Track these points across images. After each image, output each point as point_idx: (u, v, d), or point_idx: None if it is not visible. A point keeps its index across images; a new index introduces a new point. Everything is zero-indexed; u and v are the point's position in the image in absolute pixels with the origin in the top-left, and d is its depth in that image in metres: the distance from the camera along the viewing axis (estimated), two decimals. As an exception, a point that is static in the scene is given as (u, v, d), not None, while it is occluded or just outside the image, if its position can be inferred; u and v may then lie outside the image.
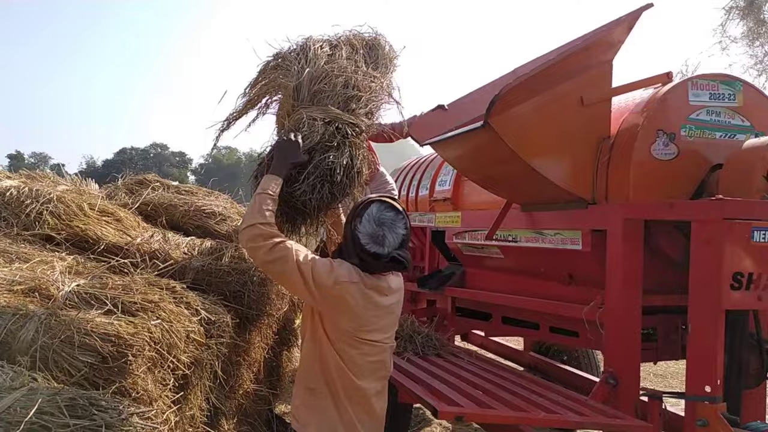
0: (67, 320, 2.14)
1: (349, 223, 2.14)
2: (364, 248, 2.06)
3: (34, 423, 1.65)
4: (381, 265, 2.08)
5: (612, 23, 2.91)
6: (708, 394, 2.32)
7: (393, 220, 2.09)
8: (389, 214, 2.10)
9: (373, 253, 2.05)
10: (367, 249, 2.05)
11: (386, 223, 2.07)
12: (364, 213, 2.09)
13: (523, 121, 2.71)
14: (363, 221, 2.07)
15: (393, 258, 2.07)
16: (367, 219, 2.07)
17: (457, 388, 2.63)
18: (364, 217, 2.08)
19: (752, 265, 2.34)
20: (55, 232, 2.85)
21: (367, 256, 2.06)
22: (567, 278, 3.29)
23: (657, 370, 6.26)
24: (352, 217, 2.14)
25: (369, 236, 2.06)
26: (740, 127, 2.97)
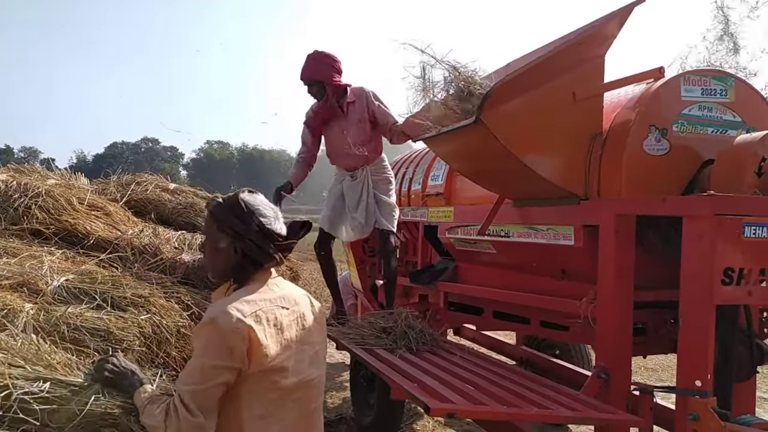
0: (56, 315, 2.12)
1: (233, 230, 1.79)
2: (276, 235, 1.81)
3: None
4: (294, 237, 1.86)
5: (604, 18, 2.90)
6: (698, 388, 2.33)
7: (263, 198, 1.89)
8: (257, 195, 1.87)
9: (281, 232, 1.83)
10: (278, 232, 1.82)
11: (263, 201, 1.87)
12: (249, 208, 1.80)
13: (514, 117, 2.70)
14: (257, 212, 1.80)
15: (304, 222, 1.89)
16: (258, 207, 1.82)
17: (449, 384, 2.63)
18: (254, 210, 1.80)
19: (743, 260, 2.34)
20: (44, 227, 2.83)
21: (279, 239, 1.82)
22: (559, 273, 3.30)
23: (648, 364, 6.30)
24: (236, 224, 1.79)
25: (272, 220, 1.82)
26: (732, 122, 2.98)
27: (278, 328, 1.74)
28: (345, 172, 4.13)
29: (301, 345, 1.82)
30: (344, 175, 4.13)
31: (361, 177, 4.05)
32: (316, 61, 3.88)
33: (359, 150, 3.97)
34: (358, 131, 3.98)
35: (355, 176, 4.06)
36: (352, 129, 3.96)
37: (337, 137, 4.02)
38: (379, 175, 4.13)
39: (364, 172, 4.05)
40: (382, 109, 4.01)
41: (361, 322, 3.64)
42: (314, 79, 3.88)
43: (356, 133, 3.97)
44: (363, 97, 4.00)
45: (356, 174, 4.06)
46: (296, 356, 1.78)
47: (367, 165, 4.06)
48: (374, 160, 4.11)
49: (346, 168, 4.12)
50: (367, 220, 4.04)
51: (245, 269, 1.82)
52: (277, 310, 1.77)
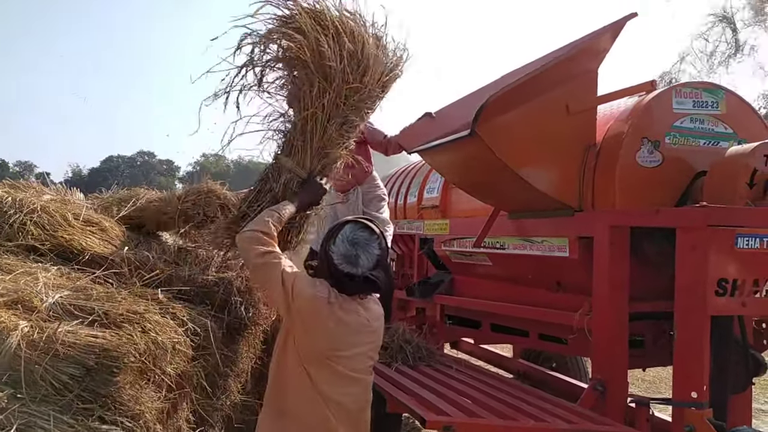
0: (51, 332, 2.11)
1: (324, 244, 2.12)
2: (337, 268, 2.04)
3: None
4: (355, 285, 2.05)
5: (597, 32, 2.94)
6: (694, 399, 2.33)
7: (367, 240, 2.06)
8: (363, 234, 2.07)
9: (347, 274, 2.03)
10: (340, 269, 2.03)
11: (360, 243, 2.05)
12: (338, 234, 2.08)
13: (509, 129, 2.73)
14: (337, 242, 2.06)
15: (366, 278, 2.03)
16: (341, 239, 2.06)
17: (446, 397, 2.63)
18: (338, 237, 2.07)
19: (736, 271, 2.36)
20: (39, 243, 2.81)
21: (341, 276, 2.03)
22: (555, 285, 3.30)
23: (646, 376, 6.29)
24: (326, 238, 2.13)
25: (342, 256, 2.04)
26: (723, 134, 3.01)
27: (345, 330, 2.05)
28: (337, 193, 4.14)
29: (364, 352, 2.12)
30: (338, 196, 4.14)
31: (353, 199, 4.05)
32: None
33: (348, 172, 3.98)
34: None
35: (347, 198, 4.07)
36: None
37: None
38: (371, 193, 4.13)
39: (356, 193, 4.05)
40: (369, 129, 3.98)
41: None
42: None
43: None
44: None
45: (348, 196, 4.07)
46: (356, 358, 2.08)
47: (358, 185, 4.07)
48: (365, 180, 4.11)
49: (337, 189, 4.13)
50: None
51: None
52: (352, 316, 2.06)
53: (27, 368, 1.95)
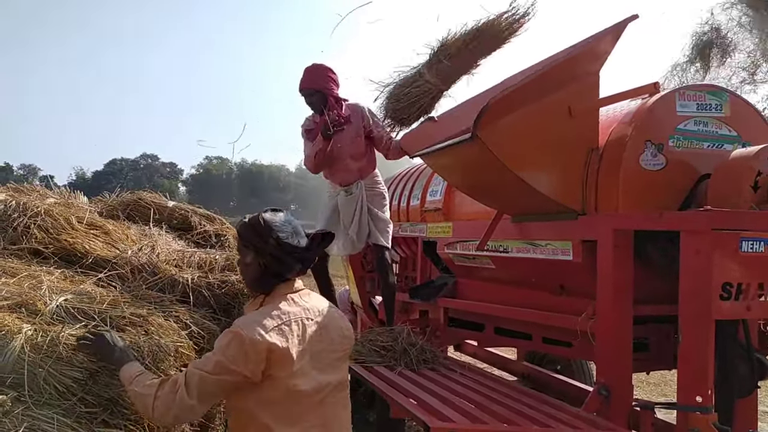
0: (54, 335, 2.11)
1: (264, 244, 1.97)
2: (296, 249, 1.97)
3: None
4: (315, 249, 2.03)
5: (598, 34, 2.94)
6: (699, 404, 2.32)
7: (283, 212, 2.05)
8: (277, 212, 2.04)
9: (305, 248, 1.99)
10: (299, 248, 1.98)
11: (288, 219, 2.02)
12: (268, 225, 1.97)
13: (511, 132, 2.72)
14: (275, 228, 1.96)
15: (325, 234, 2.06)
16: (278, 224, 1.98)
17: (449, 403, 2.62)
18: (272, 226, 1.97)
19: (741, 275, 2.34)
20: (43, 246, 2.82)
21: (298, 252, 1.97)
22: (558, 289, 3.29)
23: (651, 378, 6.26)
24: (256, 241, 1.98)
25: (291, 234, 1.98)
26: (727, 137, 3.00)
27: (298, 338, 1.90)
28: (339, 188, 4.13)
29: (321, 352, 1.97)
30: (338, 191, 4.13)
31: (356, 192, 4.05)
32: (316, 72, 3.93)
33: (353, 165, 3.99)
34: (354, 145, 3.99)
35: (350, 191, 4.07)
36: (348, 143, 3.98)
37: (333, 150, 4.03)
38: (373, 189, 4.14)
39: (359, 186, 4.05)
40: (378, 125, 4.03)
41: (360, 339, 3.63)
42: (314, 88, 3.90)
43: (352, 146, 3.99)
44: (359, 112, 4.01)
45: (351, 189, 4.06)
46: (315, 362, 1.93)
47: (361, 179, 4.07)
48: (368, 175, 4.12)
49: (340, 182, 4.12)
50: (360, 236, 4.04)
51: (269, 281, 2.00)
52: (299, 321, 1.94)
53: (30, 371, 1.96)
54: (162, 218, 3.70)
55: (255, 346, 1.80)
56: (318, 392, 1.93)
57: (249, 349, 1.80)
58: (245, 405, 1.89)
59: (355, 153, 4.01)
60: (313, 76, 3.92)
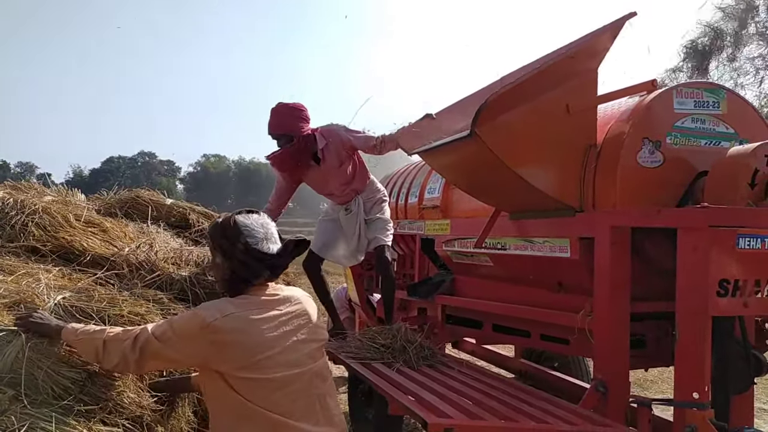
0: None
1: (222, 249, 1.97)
2: (266, 255, 1.95)
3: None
4: (285, 259, 2.01)
5: (596, 32, 2.94)
6: (696, 400, 2.33)
7: (258, 214, 2.04)
8: (251, 214, 2.03)
9: (276, 254, 1.98)
10: (269, 253, 1.96)
11: (261, 221, 2.01)
12: (237, 228, 1.96)
13: (509, 129, 2.72)
14: (244, 232, 1.95)
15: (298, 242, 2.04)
16: (248, 227, 1.97)
17: (447, 399, 2.63)
18: (242, 230, 1.95)
19: (738, 271, 2.35)
20: (41, 244, 2.82)
21: (268, 259, 1.95)
22: (556, 286, 3.30)
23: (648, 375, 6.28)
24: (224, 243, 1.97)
25: (262, 239, 1.96)
26: (725, 134, 3.01)
27: (264, 328, 1.89)
28: (339, 206, 4.15)
29: (295, 342, 1.95)
30: (339, 208, 4.15)
31: (355, 209, 4.06)
32: (281, 114, 3.80)
33: (346, 189, 4.01)
34: (341, 173, 3.94)
35: (349, 209, 4.08)
36: (334, 173, 3.93)
37: (322, 184, 4.03)
38: (372, 199, 4.13)
39: (357, 203, 4.05)
40: (359, 138, 3.91)
41: (358, 336, 3.64)
42: (281, 132, 3.79)
43: (339, 175, 3.94)
44: (335, 135, 3.90)
45: (350, 207, 4.07)
46: (287, 353, 1.92)
47: (358, 195, 4.07)
48: (364, 189, 4.11)
49: (338, 203, 4.15)
50: (360, 249, 4.08)
51: (237, 284, 1.99)
52: (264, 311, 1.92)
53: (28, 371, 1.96)
54: (160, 216, 3.69)
55: (206, 328, 1.81)
56: (295, 381, 1.92)
57: (201, 328, 1.81)
58: (219, 387, 1.88)
59: (345, 178, 3.98)
60: (280, 119, 3.79)
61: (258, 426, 1.86)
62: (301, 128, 3.79)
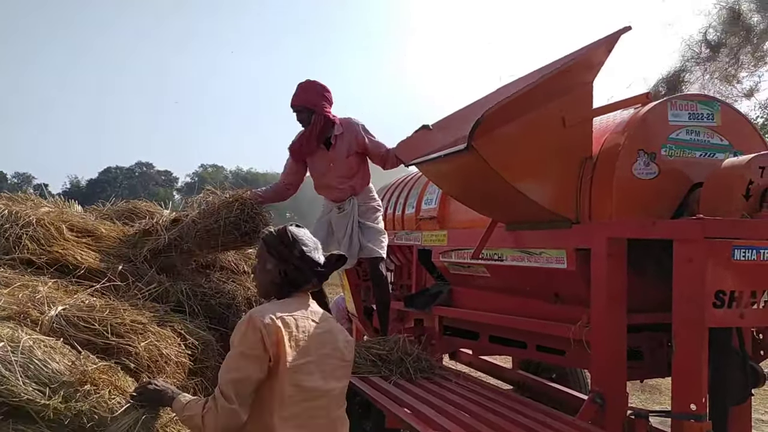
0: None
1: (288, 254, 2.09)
2: (316, 263, 2.11)
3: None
4: (330, 267, 2.17)
5: (591, 45, 2.96)
6: (693, 412, 2.33)
7: (306, 230, 2.20)
8: (301, 228, 2.19)
9: (325, 262, 2.15)
10: (317, 261, 2.12)
11: (310, 236, 2.19)
12: (294, 237, 2.11)
13: (505, 142, 2.74)
14: (299, 241, 2.11)
15: (340, 256, 2.23)
16: (301, 238, 2.12)
17: (445, 412, 2.62)
18: (297, 239, 2.11)
19: (734, 283, 2.36)
20: (35, 257, 2.82)
21: (317, 266, 2.12)
22: (553, 297, 3.30)
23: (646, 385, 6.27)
24: (282, 249, 2.10)
25: (312, 249, 2.13)
26: (719, 146, 3.03)
27: (305, 334, 1.98)
28: (332, 203, 4.13)
29: (326, 357, 2.03)
30: (332, 207, 4.13)
31: (348, 209, 4.03)
32: (308, 90, 3.89)
33: (345, 183, 4.00)
34: (345, 165, 3.96)
35: (342, 208, 4.05)
36: (339, 163, 3.95)
37: (324, 170, 4.03)
38: (366, 204, 4.12)
39: (352, 203, 4.04)
40: (373, 141, 3.99)
41: (356, 348, 3.62)
42: (305, 105, 3.87)
43: (343, 167, 3.96)
44: (352, 129, 3.97)
45: (344, 206, 4.05)
46: (320, 365, 2.00)
47: (354, 196, 4.07)
48: (362, 191, 4.11)
49: (332, 200, 4.13)
50: (351, 252, 3.97)
51: (285, 288, 2.12)
52: (306, 320, 2.02)
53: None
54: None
55: (268, 328, 1.88)
56: (321, 396, 1.98)
57: (263, 330, 1.88)
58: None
59: (348, 172, 3.99)
60: (306, 94, 3.87)
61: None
62: (324, 107, 3.88)
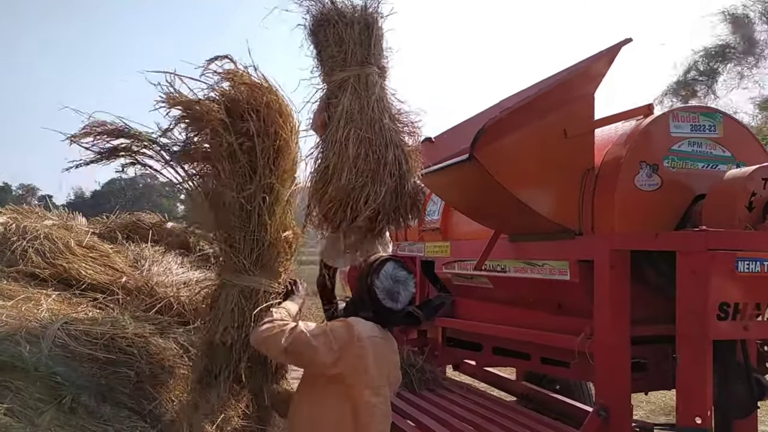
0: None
1: (365, 278, 2.25)
2: (380, 303, 2.18)
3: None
4: (396, 319, 2.22)
5: (593, 57, 2.97)
6: (698, 425, 2.31)
7: (406, 278, 2.25)
8: (402, 272, 2.25)
9: (388, 308, 2.19)
10: (383, 304, 2.18)
11: (401, 281, 2.22)
12: (381, 269, 2.22)
13: (507, 153, 2.74)
14: (380, 277, 2.20)
15: (408, 313, 2.22)
16: (384, 276, 2.22)
17: (448, 424, 2.62)
18: (381, 273, 2.21)
19: (738, 294, 2.35)
20: (39, 270, 2.83)
21: (382, 310, 2.18)
22: (556, 308, 3.29)
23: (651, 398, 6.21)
24: (367, 273, 2.25)
25: (386, 292, 2.20)
26: (722, 157, 3.03)
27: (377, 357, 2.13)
28: None
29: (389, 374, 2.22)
30: None
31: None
32: None
33: None
34: None
35: None
36: None
37: None
38: None
39: None
40: None
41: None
42: None
43: None
44: None
45: None
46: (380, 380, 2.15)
47: None
48: None
49: None
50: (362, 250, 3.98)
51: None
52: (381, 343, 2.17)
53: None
54: (161, 239, 3.71)
55: (359, 341, 2.05)
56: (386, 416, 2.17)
57: (352, 336, 2.04)
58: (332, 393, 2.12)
59: None
60: None
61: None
62: None
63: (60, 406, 2.12)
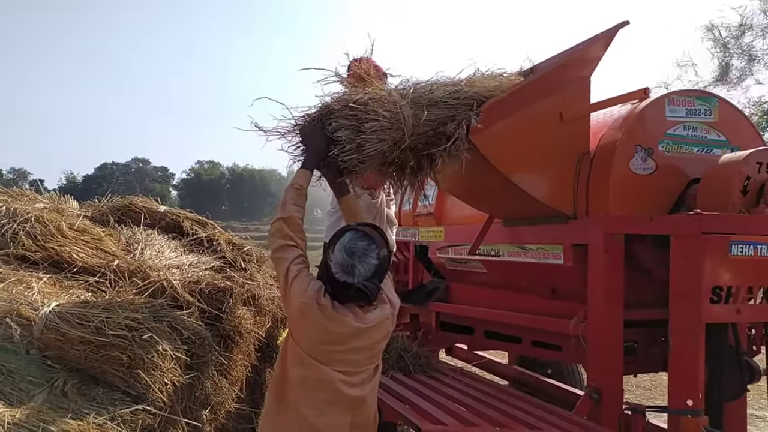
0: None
1: (326, 250, 2.19)
2: (333, 276, 2.05)
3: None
4: (348, 295, 2.05)
5: (589, 40, 2.95)
6: (690, 407, 2.33)
7: (365, 249, 2.05)
8: (362, 243, 2.06)
9: (342, 283, 2.03)
10: (336, 278, 2.04)
11: (356, 253, 2.04)
12: (337, 241, 2.09)
13: (503, 137, 2.72)
14: (335, 250, 2.06)
15: (358, 289, 2.03)
16: (339, 248, 2.05)
17: (442, 406, 2.62)
18: (336, 246, 2.07)
19: (731, 278, 2.36)
20: (30, 253, 2.80)
21: (335, 284, 2.05)
22: (550, 292, 3.30)
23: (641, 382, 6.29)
24: (328, 244, 2.16)
25: (339, 266, 2.04)
26: (716, 141, 3.03)
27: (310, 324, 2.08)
28: (362, 190, 4.03)
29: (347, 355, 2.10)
30: (362, 193, 4.03)
31: (377, 196, 3.97)
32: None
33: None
34: None
35: (375, 196, 3.98)
36: None
37: None
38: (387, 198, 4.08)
39: (381, 194, 3.97)
40: None
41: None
42: None
43: None
44: None
45: (375, 194, 3.99)
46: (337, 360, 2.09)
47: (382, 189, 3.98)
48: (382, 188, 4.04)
49: (367, 186, 4.03)
50: None
51: None
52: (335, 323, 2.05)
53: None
54: (153, 223, 3.68)
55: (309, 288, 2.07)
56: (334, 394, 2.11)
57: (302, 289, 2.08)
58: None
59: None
60: None
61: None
62: None
63: (52, 389, 2.11)
